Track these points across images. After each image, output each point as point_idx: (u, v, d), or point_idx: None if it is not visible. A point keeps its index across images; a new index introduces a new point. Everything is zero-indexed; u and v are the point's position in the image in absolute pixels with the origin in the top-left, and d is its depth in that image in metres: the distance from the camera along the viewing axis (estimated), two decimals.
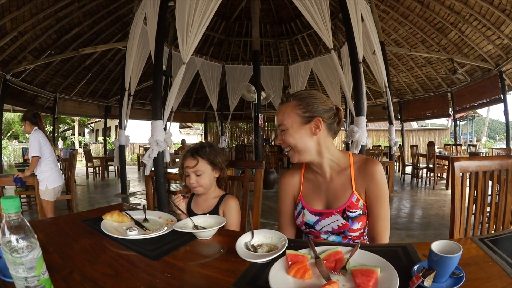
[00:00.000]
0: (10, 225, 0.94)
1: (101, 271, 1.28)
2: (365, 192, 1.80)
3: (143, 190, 10.31)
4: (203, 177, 2.27)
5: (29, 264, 0.94)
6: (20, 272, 0.93)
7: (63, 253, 1.44)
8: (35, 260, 0.95)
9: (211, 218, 1.89)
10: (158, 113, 6.03)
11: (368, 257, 1.24)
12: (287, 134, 1.78)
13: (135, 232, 1.68)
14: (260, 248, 1.45)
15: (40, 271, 0.97)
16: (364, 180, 1.79)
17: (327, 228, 1.81)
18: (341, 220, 1.76)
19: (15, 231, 0.94)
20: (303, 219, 1.88)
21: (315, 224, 1.84)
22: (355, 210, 1.76)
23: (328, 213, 1.81)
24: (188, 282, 1.22)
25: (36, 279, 0.95)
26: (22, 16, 9.53)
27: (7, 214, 0.94)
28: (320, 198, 1.89)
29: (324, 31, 7.08)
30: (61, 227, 1.92)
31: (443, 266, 1.04)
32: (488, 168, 2.09)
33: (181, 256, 1.45)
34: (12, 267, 0.94)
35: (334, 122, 1.83)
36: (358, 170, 1.82)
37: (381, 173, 1.80)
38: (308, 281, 1.15)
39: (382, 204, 1.77)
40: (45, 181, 5.12)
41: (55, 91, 14.07)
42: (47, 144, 5.24)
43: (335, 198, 1.83)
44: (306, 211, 1.88)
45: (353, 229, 1.76)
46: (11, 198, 0.95)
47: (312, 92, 1.84)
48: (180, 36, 6.25)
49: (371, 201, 1.78)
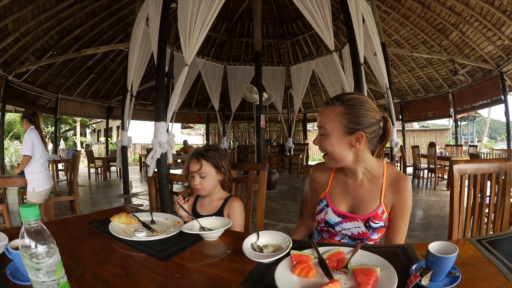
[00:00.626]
0: (30, 232, 0.96)
1: (112, 272, 1.32)
2: (391, 206, 1.81)
3: (145, 191, 10.34)
4: (207, 180, 2.31)
5: (49, 269, 0.96)
6: (40, 276, 0.96)
7: (73, 255, 1.46)
8: (55, 265, 0.98)
9: (217, 220, 1.94)
10: (161, 114, 6.05)
11: (369, 257, 1.30)
12: (327, 140, 1.77)
13: (143, 233, 1.73)
14: (265, 249, 1.50)
15: (60, 275, 1.00)
16: (393, 194, 1.79)
17: (346, 232, 1.83)
18: (363, 227, 1.77)
19: (34, 238, 0.96)
20: (325, 217, 1.89)
21: (336, 224, 1.85)
22: (378, 221, 1.77)
23: (351, 218, 1.82)
24: (198, 282, 1.27)
25: (56, 283, 0.98)
26: (24, 17, 9.56)
27: (26, 221, 0.96)
28: (346, 200, 1.89)
29: (326, 32, 7.10)
30: (69, 229, 1.95)
31: (440, 266, 1.10)
32: (487, 171, 2.12)
33: (189, 257, 1.49)
34: (32, 272, 0.96)
35: (376, 136, 1.81)
36: (390, 184, 1.81)
37: (410, 190, 1.80)
38: (312, 280, 1.20)
39: (405, 219, 1.79)
40: (32, 182, 5.02)
41: (57, 91, 14.10)
42: (40, 145, 5.17)
43: (361, 204, 1.83)
44: (330, 209, 1.89)
45: (371, 238, 1.78)
46: (30, 207, 0.97)
47: (362, 99, 1.78)
48: (182, 38, 6.28)
49: (395, 215, 1.79)
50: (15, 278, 1.20)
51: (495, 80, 11.57)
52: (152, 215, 2.11)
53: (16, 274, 1.22)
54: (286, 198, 9.04)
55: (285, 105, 16.52)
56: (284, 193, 9.86)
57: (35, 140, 5.07)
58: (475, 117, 26.63)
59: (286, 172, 15.96)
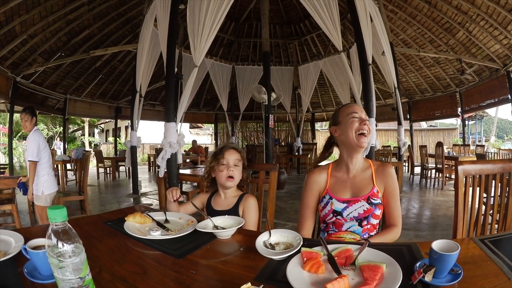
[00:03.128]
0: (57, 233, 1.00)
1: (129, 269, 1.36)
2: (383, 188, 2.16)
3: (154, 190, 10.39)
4: (239, 170, 2.44)
5: (75, 267, 1.00)
6: (66, 275, 0.99)
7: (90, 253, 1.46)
8: (81, 263, 1.02)
9: (230, 219, 2.00)
10: (171, 115, 6.11)
11: (375, 254, 1.35)
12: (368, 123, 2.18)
13: (158, 232, 1.78)
14: (277, 246, 1.56)
15: (86, 273, 1.04)
16: (382, 178, 2.17)
17: (353, 213, 2.09)
18: (366, 205, 2.07)
19: (62, 238, 0.99)
20: (332, 207, 2.14)
21: (343, 210, 2.11)
22: (376, 198, 2.10)
23: (355, 200, 2.11)
24: (212, 278, 1.32)
25: (81, 280, 1.02)
26: (32, 19, 9.67)
27: (53, 223, 1.00)
28: (346, 189, 2.19)
29: (333, 32, 7.12)
30: (84, 229, 1.99)
31: (442, 263, 1.14)
32: (491, 172, 2.16)
33: (204, 254, 1.54)
34: (58, 271, 0.99)
35: None
36: (377, 171, 2.20)
37: (395, 174, 2.22)
38: (321, 275, 1.26)
39: (395, 197, 2.15)
40: (41, 186, 4.83)
41: (65, 92, 14.22)
42: (46, 147, 4.95)
43: (360, 189, 2.16)
44: (335, 200, 2.15)
45: (375, 214, 2.08)
46: (58, 209, 1.01)
47: None
48: (191, 40, 6.32)
49: (388, 195, 2.15)
50: (33, 276, 1.24)
51: (502, 79, 11.52)
52: (166, 214, 2.16)
53: (33, 272, 1.26)
54: (294, 197, 9.03)
55: (294, 104, 16.58)
56: (293, 193, 9.86)
57: (42, 142, 4.85)
58: (482, 116, 26.46)
59: (294, 171, 15.92)
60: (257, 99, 10.20)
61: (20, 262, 1.36)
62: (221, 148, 2.50)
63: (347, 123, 2.17)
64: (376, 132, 6.92)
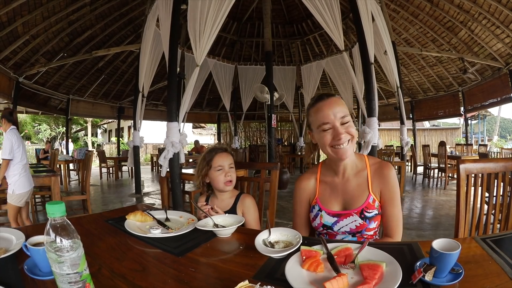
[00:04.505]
0: (56, 228, 1.00)
1: (129, 267, 1.36)
2: (379, 193, 1.90)
3: (157, 190, 10.40)
4: (234, 172, 2.40)
5: (73, 262, 1.00)
6: (64, 269, 0.99)
7: (90, 251, 1.50)
8: (78, 258, 1.02)
9: (230, 217, 1.99)
10: (173, 115, 6.10)
11: (375, 253, 1.34)
12: (350, 126, 1.83)
13: (159, 230, 1.78)
14: (277, 245, 1.56)
15: (83, 268, 1.04)
16: (379, 182, 1.89)
17: (345, 228, 1.89)
18: (359, 220, 1.85)
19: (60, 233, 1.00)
20: (321, 221, 1.95)
21: (333, 225, 1.91)
22: (371, 210, 1.85)
23: (346, 214, 1.89)
24: (212, 276, 1.32)
25: (78, 275, 1.02)
26: (34, 19, 9.70)
27: (52, 218, 1.00)
28: (337, 199, 1.96)
29: (335, 32, 7.09)
30: (85, 227, 2.00)
31: (443, 262, 1.13)
32: (493, 170, 2.13)
33: (203, 253, 1.54)
34: (56, 265, 1.00)
35: None
36: (374, 173, 1.92)
37: (395, 176, 1.91)
38: (320, 274, 1.25)
39: (395, 205, 1.87)
40: (12, 185, 4.84)
41: (68, 92, 14.28)
42: (20, 147, 4.95)
43: (352, 199, 1.91)
44: (324, 213, 1.95)
45: (369, 228, 1.86)
46: (57, 204, 1.01)
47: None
48: (193, 39, 6.30)
49: (384, 202, 1.88)
50: (33, 273, 1.25)
51: (504, 78, 11.51)
52: (166, 213, 2.16)
53: (33, 269, 1.27)
54: None
55: (296, 104, 16.56)
56: None
57: (15, 141, 4.86)
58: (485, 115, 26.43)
59: (297, 171, 15.91)
60: (259, 99, 10.20)
61: (20, 259, 1.37)
62: (211, 152, 2.43)
63: (319, 136, 1.88)
64: (379, 131, 6.88)
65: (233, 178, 2.37)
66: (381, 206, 1.89)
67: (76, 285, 1.03)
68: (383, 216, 1.90)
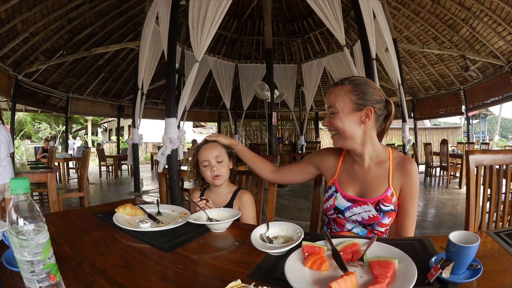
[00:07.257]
0: (18, 207, 0.92)
1: (112, 262, 1.29)
2: (399, 189, 1.79)
3: (156, 189, 10.36)
4: (223, 165, 2.24)
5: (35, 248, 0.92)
6: (25, 255, 0.91)
7: (74, 245, 1.45)
8: (41, 245, 0.93)
9: (226, 211, 1.88)
10: (172, 110, 6.02)
11: (385, 249, 1.22)
12: (337, 117, 1.78)
13: (148, 224, 1.68)
14: (275, 240, 1.44)
15: (47, 256, 0.95)
16: (400, 176, 1.79)
17: (356, 217, 1.81)
18: (373, 211, 1.76)
19: (22, 213, 0.92)
20: (334, 203, 1.87)
21: (345, 210, 1.83)
22: (388, 204, 1.75)
23: (361, 202, 1.80)
24: (201, 274, 1.22)
25: (42, 264, 0.93)
26: (33, 17, 9.63)
27: (15, 194, 0.92)
28: (355, 184, 1.88)
29: (337, 28, 7.05)
30: (73, 220, 1.93)
31: (461, 257, 1.03)
32: (503, 162, 2.09)
33: (195, 248, 1.44)
34: (17, 250, 0.92)
35: (382, 115, 1.84)
36: (396, 166, 1.81)
37: (417, 172, 1.80)
38: (325, 273, 1.13)
39: (413, 202, 1.77)
40: None
41: (67, 91, 14.20)
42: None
43: (370, 188, 1.82)
44: (339, 195, 1.87)
45: (382, 223, 1.76)
46: (21, 179, 0.93)
47: (367, 80, 1.84)
48: (192, 35, 6.27)
49: (404, 198, 1.78)
50: (11, 265, 1.17)
51: (506, 76, 11.41)
52: (158, 206, 2.07)
53: (11, 261, 1.17)
54: (297, 196, 9.01)
55: (297, 103, 16.52)
56: (296, 191, 9.81)
57: None
58: (486, 115, 26.42)
59: None
60: (260, 96, 10.17)
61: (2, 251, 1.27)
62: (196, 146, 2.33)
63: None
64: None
65: (222, 172, 2.21)
66: (399, 202, 1.79)
67: (39, 275, 0.93)
68: (399, 213, 1.80)
